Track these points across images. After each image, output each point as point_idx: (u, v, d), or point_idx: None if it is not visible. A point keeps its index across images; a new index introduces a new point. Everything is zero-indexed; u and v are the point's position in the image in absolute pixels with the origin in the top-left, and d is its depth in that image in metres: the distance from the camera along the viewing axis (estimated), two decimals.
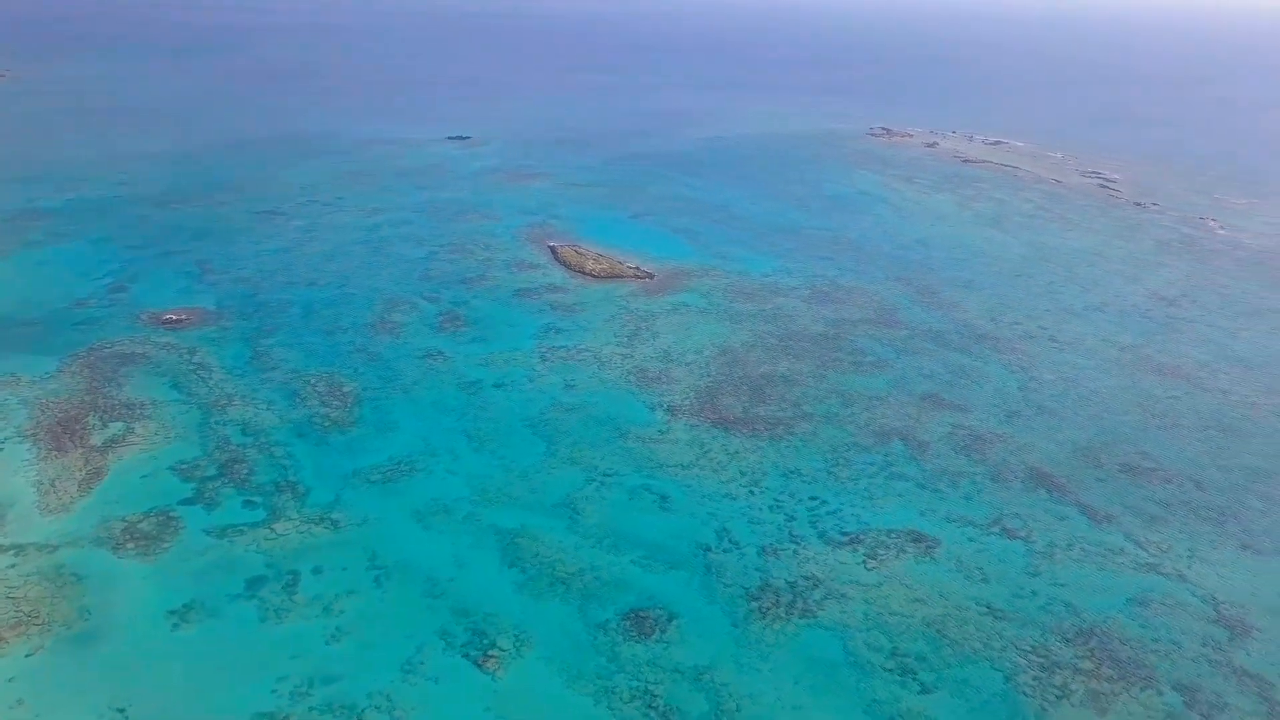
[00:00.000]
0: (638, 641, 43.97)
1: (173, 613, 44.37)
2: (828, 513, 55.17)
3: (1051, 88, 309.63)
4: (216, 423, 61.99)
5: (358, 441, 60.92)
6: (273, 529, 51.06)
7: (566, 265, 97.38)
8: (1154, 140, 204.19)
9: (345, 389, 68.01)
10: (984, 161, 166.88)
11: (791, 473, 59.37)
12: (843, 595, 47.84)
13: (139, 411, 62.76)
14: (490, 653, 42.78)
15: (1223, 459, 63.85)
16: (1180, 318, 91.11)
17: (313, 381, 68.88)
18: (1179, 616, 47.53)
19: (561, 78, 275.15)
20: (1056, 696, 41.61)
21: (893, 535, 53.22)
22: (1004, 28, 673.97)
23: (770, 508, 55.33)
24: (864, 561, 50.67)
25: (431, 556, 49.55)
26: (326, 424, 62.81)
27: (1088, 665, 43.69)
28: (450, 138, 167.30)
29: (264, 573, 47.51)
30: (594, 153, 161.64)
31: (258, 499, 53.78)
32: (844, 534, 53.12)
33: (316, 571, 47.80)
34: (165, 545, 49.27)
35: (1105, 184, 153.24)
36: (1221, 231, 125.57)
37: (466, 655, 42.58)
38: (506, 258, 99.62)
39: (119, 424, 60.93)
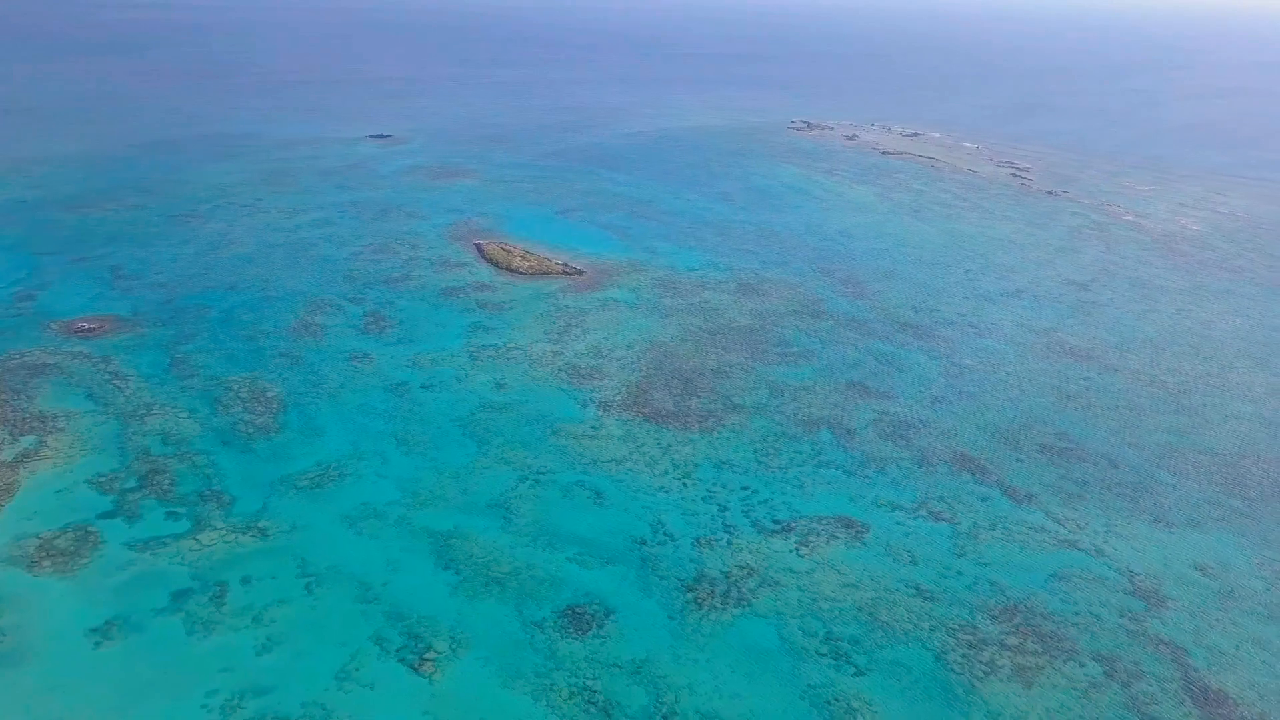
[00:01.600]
0: (575, 638, 44.02)
1: (94, 630, 42.97)
2: (760, 502, 55.90)
3: (970, 81, 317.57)
4: (135, 433, 60.13)
5: (284, 448, 59.69)
6: (198, 540, 49.75)
7: (493, 263, 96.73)
8: (1067, 131, 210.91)
9: (269, 394, 66.57)
10: (903, 153, 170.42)
11: (723, 464, 59.99)
12: (777, 583, 48.55)
13: (52, 424, 60.53)
14: (426, 656, 42.40)
15: (1134, 437, 66.38)
16: (1092, 301, 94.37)
17: (235, 388, 67.26)
18: (1097, 590, 49.31)
19: (485, 74, 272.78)
20: (984, 672, 42.86)
21: (823, 522, 54.17)
22: (927, 23, 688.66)
23: (703, 499, 55.84)
24: (796, 549, 51.48)
25: (363, 561, 48.87)
26: (251, 431, 61.42)
27: (1013, 641, 45.08)
28: (371, 136, 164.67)
29: (190, 585, 46.28)
30: (519, 149, 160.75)
31: (181, 510, 52.34)
32: (776, 522, 53.88)
33: (245, 581, 46.76)
34: (84, 561, 47.67)
35: (1018, 173, 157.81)
36: (1128, 217, 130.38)
37: (402, 659, 42.13)
38: (431, 256, 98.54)
39: (31, 438, 58.67)
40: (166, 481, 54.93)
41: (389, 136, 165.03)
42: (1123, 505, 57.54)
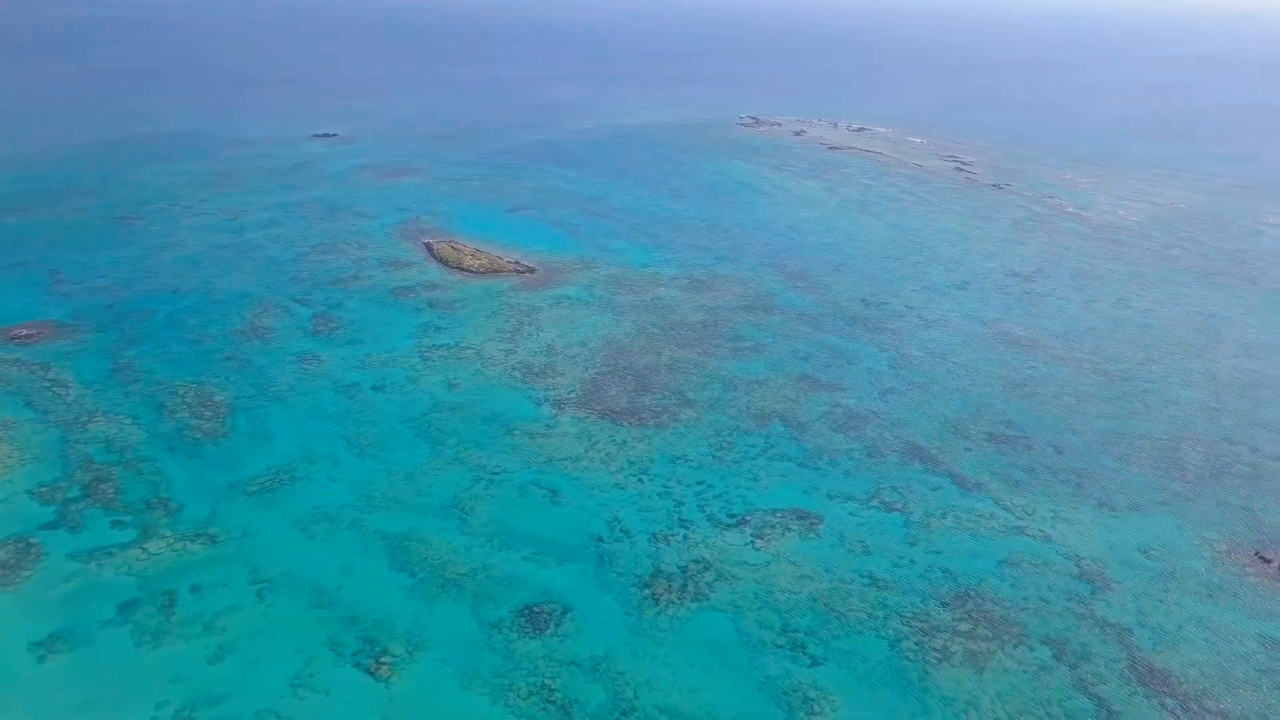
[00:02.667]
0: (533, 637, 43.96)
1: (38, 644, 41.94)
2: (715, 496, 56.24)
3: (916, 75, 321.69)
4: (77, 441, 58.75)
5: (232, 453, 58.73)
6: (145, 549, 48.77)
7: (444, 262, 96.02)
8: (1010, 124, 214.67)
9: (216, 399, 65.43)
10: (849, 148, 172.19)
11: (678, 459, 60.24)
12: (733, 576, 48.90)
13: None
14: (382, 660, 42.05)
15: (1078, 424, 67.86)
16: (1035, 292, 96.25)
17: (181, 392, 66.01)
18: (1046, 575, 50.37)
19: (437, 71, 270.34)
20: (938, 659, 43.58)
21: (778, 514, 54.66)
22: (873, 19, 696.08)
23: (659, 495, 56.04)
24: (752, 542, 51.89)
25: (317, 566, 48.30)
26: (198, 436, 60.35)
27: (965, 627, 45.90)
28: (316, 135, 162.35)
29: (137, 595, 45.38)
30: (469, 147, 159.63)
31: (127, 519, 51.25)
32: (731, 516, 54.26)
33: (195, 590, 45.95)
34: (25, 573, 46.49)
35: (963, 167, 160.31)
36: (1070, 209, 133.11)
37: (358, 664, 41.73)
38: (380, 256, 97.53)
39: None
40: (111, 490, 53.76)
41: (335, 135, 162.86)
42: (1068, 491, 58.80)
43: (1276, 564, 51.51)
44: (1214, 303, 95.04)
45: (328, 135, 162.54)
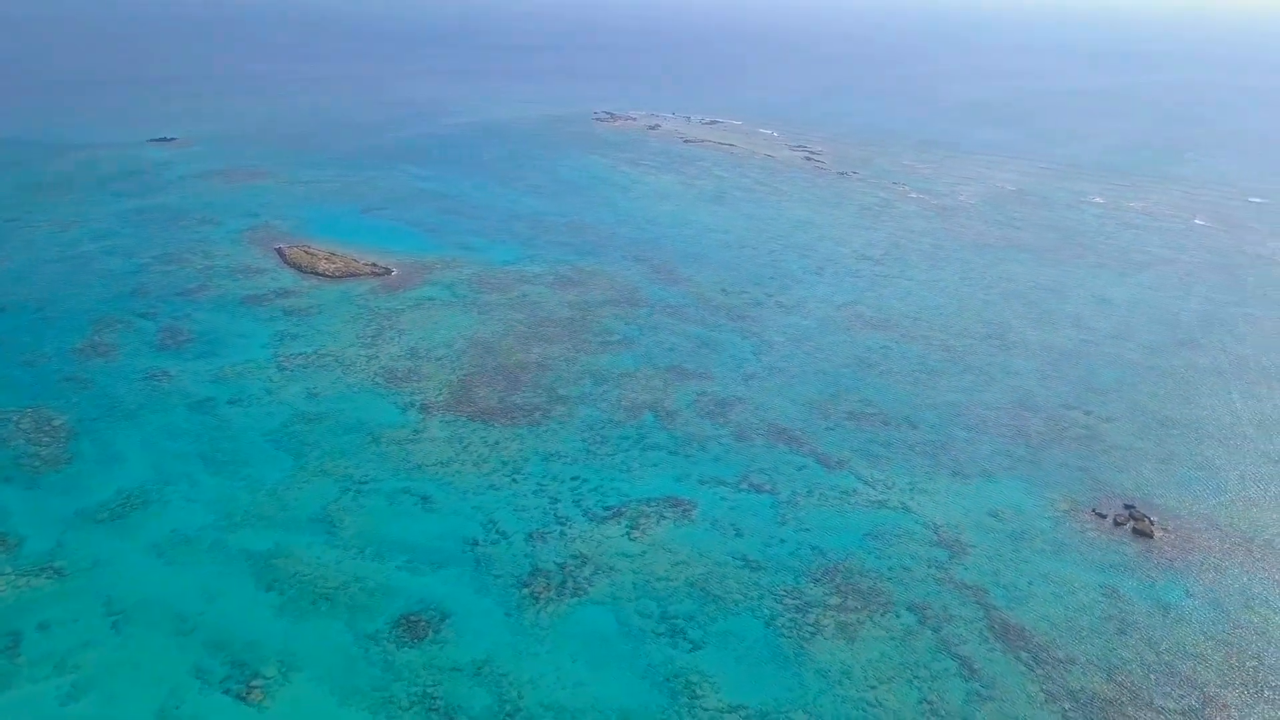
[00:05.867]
0: (412, 646, 43.24)
1: None
2: (590, 490, 56.55)
3: (765, 68, 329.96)
4: None
5: (77, 479, 55.24)
6: None
7: (297, 267, 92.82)
8: (857, 113, 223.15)
9: (56, 423, 61.37)
10: (704, 141, 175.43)
11: (552, 456, 60.25)
12: (611, 568, 49.34)
13: None
14: (253, 683, 40.53)
15: (930, 398, 71.39)
16: (885, 275, 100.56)
17: (14, 419, 61.58)
18: (907, 544, 52.89)
19: (285, 69, 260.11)
20: (811, 633, 45.21)
21: (652, 504, 55.42)
22: (722, 13, 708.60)
23: (534, 493, 55.94)
24: (628, 533, 52.46)
25: (177, 592, 46.07)
26: (37, 464, 56.49)
27: (835, 600, 47.75)
28: (153, 140, 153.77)
29: None
30: (320, 148, 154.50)
31: None
32: (607, 509, 54.70)
33: (42, 628, 43.12)
34: None
35: (812, 156, 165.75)
36: (914, 195, 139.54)
37: (227, 690, 40.09)
38: (229, 264, 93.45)
39: None
40: None
41: (174, 139, 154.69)
42: (924, 463, 61.83)
43: (1111, 518, 55.63)
44: (1045, 277, 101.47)
45: (167, 139, 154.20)
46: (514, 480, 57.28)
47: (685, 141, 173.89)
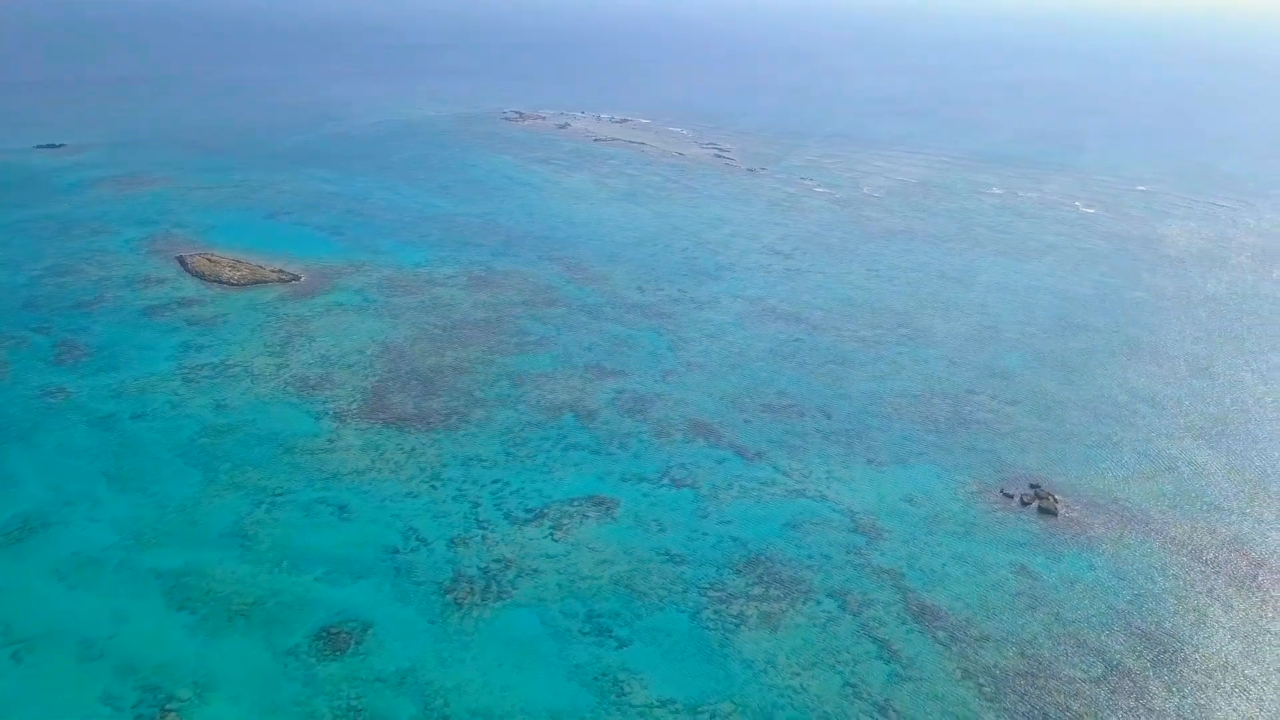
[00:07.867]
0: (333, 659, 42.41)
1: None
2: (511, 493, 56.24)
3: (675, 67, 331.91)
4: None
5: None
6: None
7: (200, 275, 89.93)
8: (765, 110, 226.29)
9: None
10: (614, 139, 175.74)
11: (471, 460, 59.71)
12: (535, 571, 49.18)
13: None
14: (168, 707, 39.22)
15: (843, 388, 72.94)
16: (795, 268, 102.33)
17: None
18: (825, 532, 54.00)
19: (182, 72, 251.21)
20: (735, 624, 45.83)
21: (575, 503, 55.41)
22: (632, 11, 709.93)
23: (454, 498, 55.37)
24: (551, 534, 52.35)
25: (82, 617, 44.28)
26: None
27: (758, 591, 48.48)
28: (40, 147, 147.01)
29: None
30: (219, 152, 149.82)
31: None
32: (529, 511, 54.48)
33: None
34: None
35: (721, 154, 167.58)
36: (820, 189, 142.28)
37: (140, 716, 38.70)
38: (126, 274, 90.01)
39: None
40: None
41: (62, 146, 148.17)
42: (839, 452, 63.18)
43: (1018, 498, 57.73)
44: (949, 266, 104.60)
45: (54, 146, 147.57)
46: (433, 486, 56.61)
47: (596, 140, 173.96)
